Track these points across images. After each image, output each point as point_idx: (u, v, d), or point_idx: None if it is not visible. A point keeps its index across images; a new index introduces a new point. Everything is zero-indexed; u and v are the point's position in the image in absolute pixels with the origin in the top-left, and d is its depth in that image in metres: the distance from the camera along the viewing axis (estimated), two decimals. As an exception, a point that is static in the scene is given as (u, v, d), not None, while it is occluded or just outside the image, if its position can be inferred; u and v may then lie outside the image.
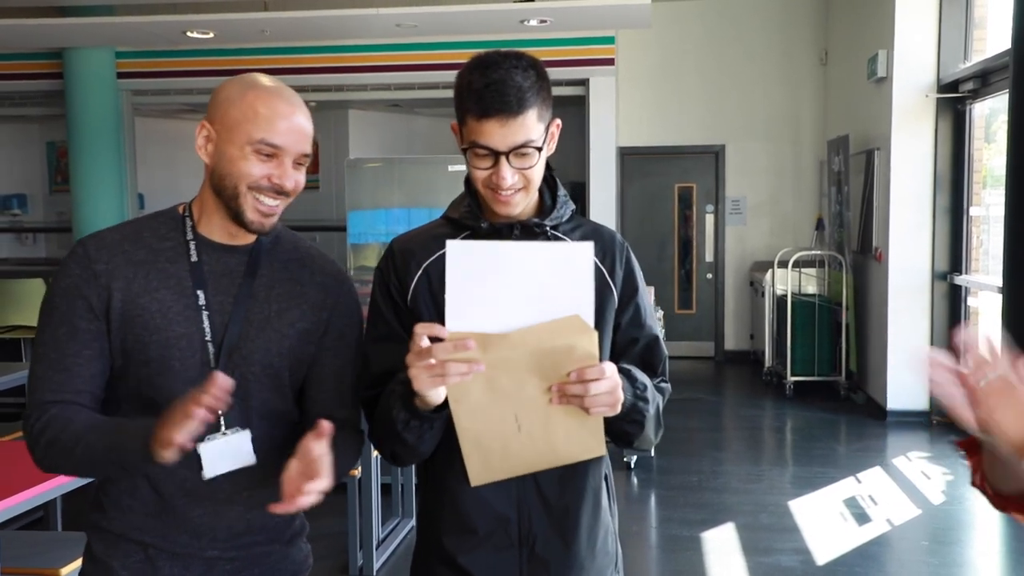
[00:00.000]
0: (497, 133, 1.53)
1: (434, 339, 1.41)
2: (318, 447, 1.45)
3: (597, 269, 1.66)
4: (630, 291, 1.71)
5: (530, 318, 1.44)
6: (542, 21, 7.23)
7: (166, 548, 1.61)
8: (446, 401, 1.46)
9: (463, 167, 5.57)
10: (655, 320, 1.77)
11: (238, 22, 7.28)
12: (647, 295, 1.76)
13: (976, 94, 6.23)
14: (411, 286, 1.66)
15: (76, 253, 1.58)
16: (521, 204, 1.62)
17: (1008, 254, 4.84)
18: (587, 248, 1.47)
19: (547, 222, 1.66)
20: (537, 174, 1.60)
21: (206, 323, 1.58)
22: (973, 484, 1.41)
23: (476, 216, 1.65)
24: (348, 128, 11.12)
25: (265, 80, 1.63)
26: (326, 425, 1.45)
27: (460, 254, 1.43)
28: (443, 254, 1.63)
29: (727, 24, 9.12)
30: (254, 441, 1.60)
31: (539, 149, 1.56)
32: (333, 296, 1.70)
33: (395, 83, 8.88)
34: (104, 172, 8.50)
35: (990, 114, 6.31)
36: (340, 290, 1.72)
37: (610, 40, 8.53)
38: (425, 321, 1.49)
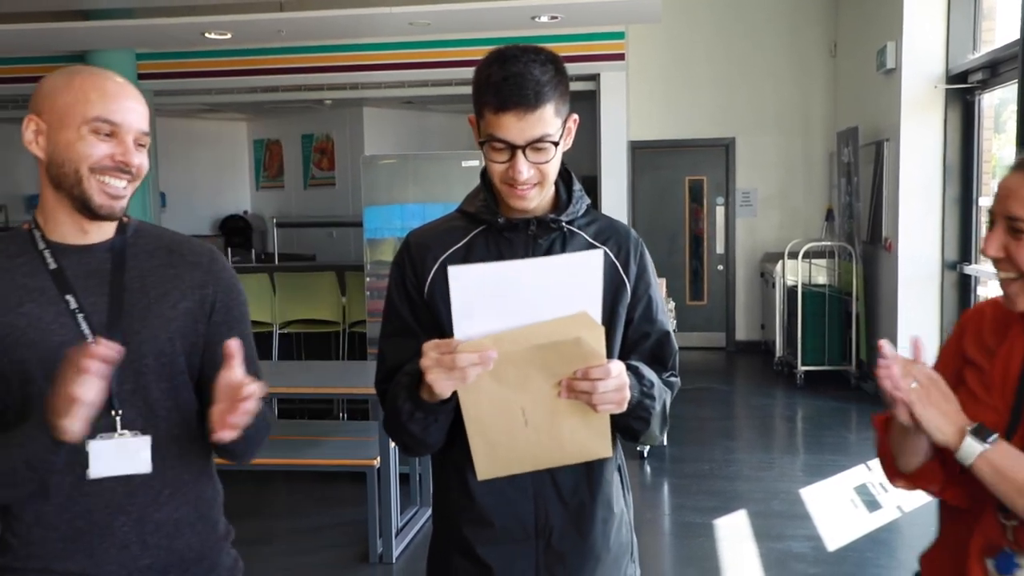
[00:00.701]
0: (514, 127, 1.51)
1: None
2: (232, 375, 1.42)
3: (612, 264, 1.66)
4: (643, 286, 1.70)
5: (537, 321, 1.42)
6: (553, 17, 7.23)
7: (91, 572, 1.50)
8: (452, 394, 1.46)
9: (476, 163, 5.61)
10: (666, 315, 1.76)
11: (255, 23, 7.32)
12: (659, 290, 1.76)
13: (985, 84, 6.18)
14: (427, 280, 1.64)
15: None
16: (536, 199, 1.60)
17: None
18: (597, 256, 1.43)
19: (563, 217, 1.64)
20: (553, 169, 1.59)
21: (84, 326, 1.48)
22: (878, 454, 1.62)
23: (492, 210, 1.64)
24: (363, 125, 11.16)
25: (92, 68, 1.55)
26: (232, 344, 1.40)
27: (463, 278, 1.38)
28: (459, 248, 1.63)
29: (736, 18, 9.08)
30: (164, 432, 1.54)
31: (556, 143, 1.55)
32: (212, 273, 1.63)
33: (409, 81, 8.90)
34: (124, 171, 8.56)
35: (999, 104, 6.26)
36: (215, 266, 1.64)
37: (620, 35, 8.51)
38: (441, 314, 1.50)
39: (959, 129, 6.54)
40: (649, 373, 1.60)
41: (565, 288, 1.41)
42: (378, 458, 4.17)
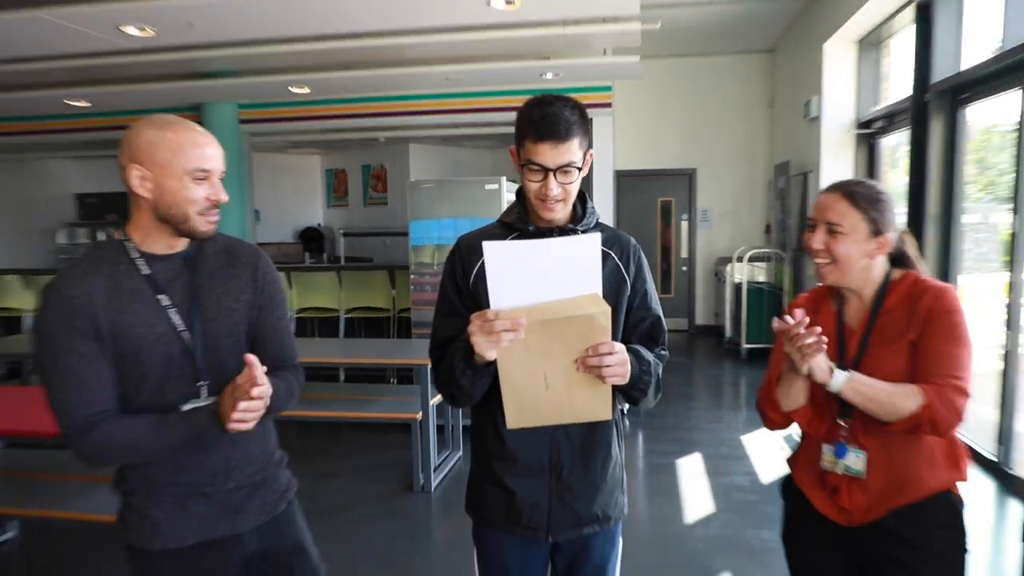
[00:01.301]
0: (548, 154, 1.52)
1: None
2: (240, 377, 1.42)
3: (616, 265, 1.67)
4: (640, 282, 1.71)
5: (554, 296, 1.42)
6: (556, 74, 7.27)
7: (194, 491, 1.58)
8: (494, 360, 1.47)
9: (496, 186, 5.72)
10: (658, 304, 1.77)
11: (327, 80, 7.38)
12: (652, 285, 1.76)
13: (884, 130, 6.21)
14: (472, 273, 1.64)
15: (50, 296, 1.46)
16: (561, 212, 1.61)
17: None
18: (594, 239, 1.42)
19: (579, 227, 1.65)
20: (575, 189, 1.59)
21: (175, 319, 1.52)
22: (760, 402, 1.81)
23: (525, 221, 1.65)
24: (409, 158, 11.16)
25: (171, 118, 1.52)
26: (249, 357, 1.41)
27: (495, 252, 1.41)
28: None
29: (698, 76, 9.11)
30: None
31: (578, 169, 1.56)
32: (259, 269, 1.67)
33: (445, 123, 8.89)
34: (230, 194, 8.57)
35: (895, 145, 6.28)
36: (260, 263, 1.68)
37: (608, 88, 8.51)
38: (482, 300, 1.51)
39: (865, 164, 6.56)
40: (647, 354, 1.60)
41: (571, 263, 1.42)
42: (420, 413, 4.23)
